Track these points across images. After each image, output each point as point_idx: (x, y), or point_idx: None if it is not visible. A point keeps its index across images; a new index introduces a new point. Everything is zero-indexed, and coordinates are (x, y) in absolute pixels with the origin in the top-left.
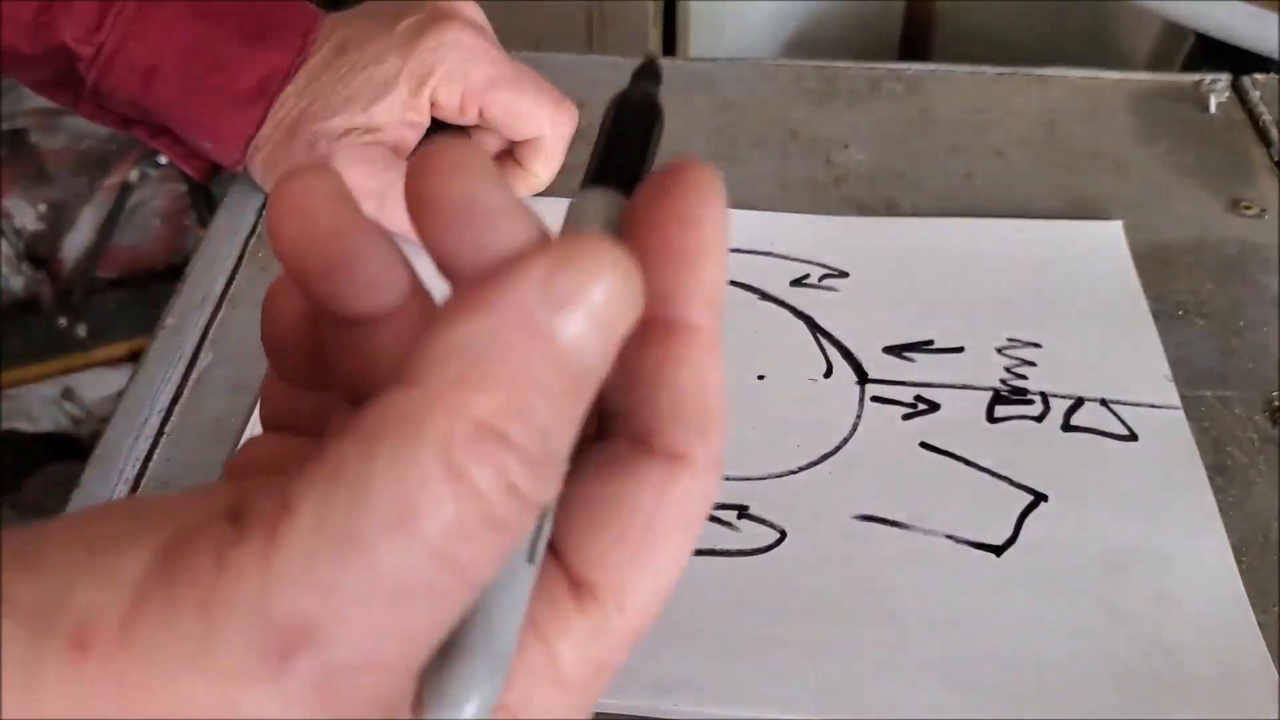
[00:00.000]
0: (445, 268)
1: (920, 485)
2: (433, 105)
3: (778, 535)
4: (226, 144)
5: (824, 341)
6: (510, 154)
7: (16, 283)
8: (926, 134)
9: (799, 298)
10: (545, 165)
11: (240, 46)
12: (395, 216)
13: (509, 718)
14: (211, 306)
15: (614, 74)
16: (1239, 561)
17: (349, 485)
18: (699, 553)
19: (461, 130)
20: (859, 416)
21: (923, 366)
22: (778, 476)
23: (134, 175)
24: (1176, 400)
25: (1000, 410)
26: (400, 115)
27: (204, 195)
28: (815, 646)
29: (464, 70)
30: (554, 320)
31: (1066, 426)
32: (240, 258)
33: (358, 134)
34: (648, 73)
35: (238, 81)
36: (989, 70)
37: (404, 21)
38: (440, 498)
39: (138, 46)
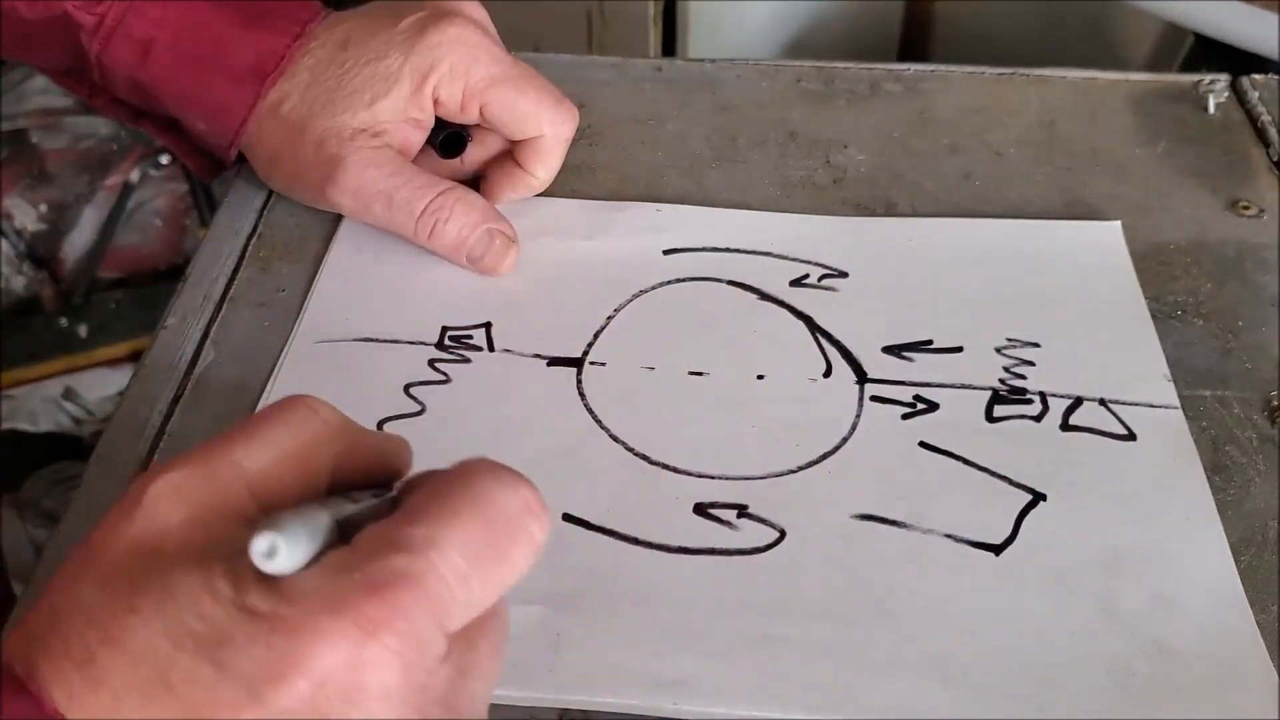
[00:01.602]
0: None
1: (919, 485)
2: (435, 103)
3: (777, 535)
4: (220, 123)
5: (823, 341)
6: (510, 155)
7: (18, 283)
8: (926, 134)
9: (798, 298)
10: (544, 166)
11: (238, 28)
12: (401, 218)
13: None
14: (212, 306)
15: (614, 74)
16: (1238, 560)
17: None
18: (699, 552)
19: (463, 128)
20: (858, 416)
21: (922, 366)
22: (777, 476)
23: (135, 175)
24: (1175, 400)
25: (999, 410)
26: (404, 112)
27: (205, 195)
28: (815, 646)
29: (466, 67)
30: None
31: (1065, 426)
32: (241, 258)
33: (366, 136)
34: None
35: (233, 61)
36: (988, 71)
37: (407, 19)
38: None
39: (137, 20)
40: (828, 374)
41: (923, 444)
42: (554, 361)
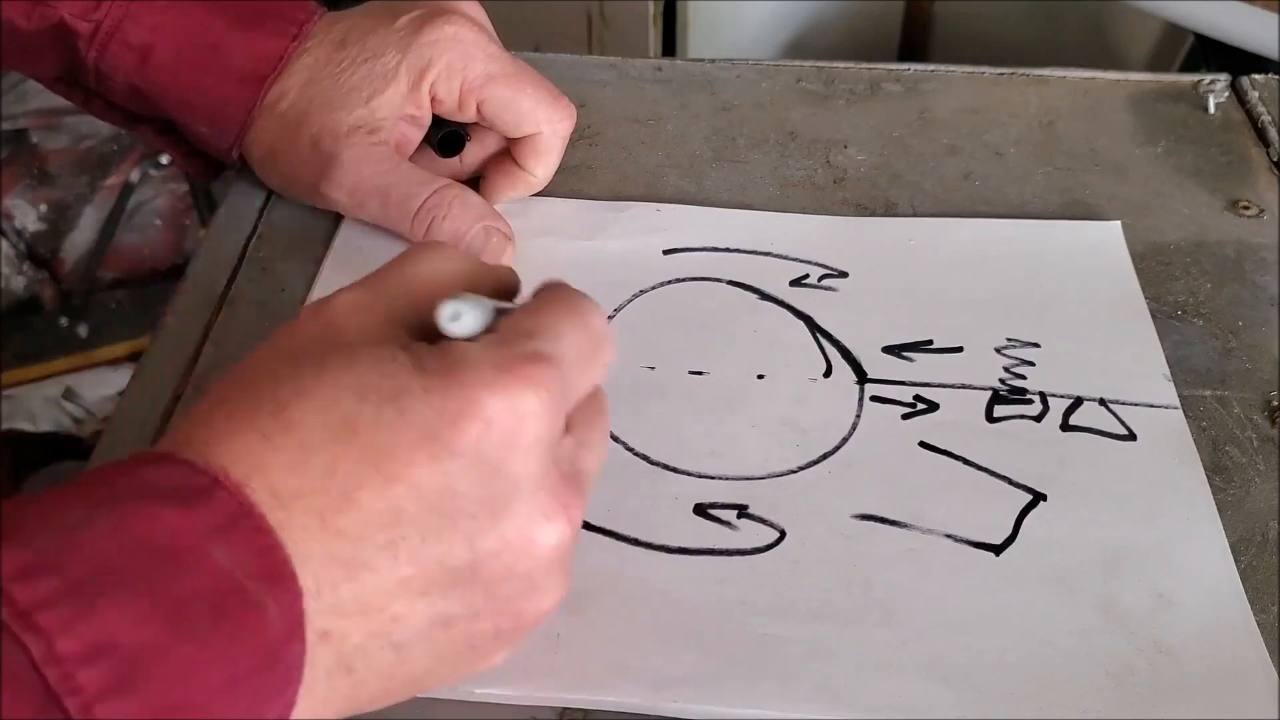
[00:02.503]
0: None
1: (919, 485)
2: (432, 100)
3: (777, 535)
4: (222, 126)
5: (823, 341)
6: (509, 154)
7: (18, 283)
8: (925, 135)
9: (798, 298)
10: (543, 164)
11: (235, 31)
12: (397, 215)
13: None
14: (212, 306)
15: (614, 74)
16: (1237, 561)
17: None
18: (699, 552)
19: (461, 127)
20: (858, 416)
21: (922, 366)
22: (777, 476)
23: (135, 175)
24: (1175, 400)
25: (999, 410)
26: (400, 109)
27: (205, 195)
28: (815, 646)
29: (463, 65)
30: None
31: (1065, 426)
32: (241, 258)
33: (362, 133)
34: None
35: (232, 63)
36: (988, 71)
37: (404, 17)
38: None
39: (134, 26)
40: (828, 374)
41: (923, 444)
42: None
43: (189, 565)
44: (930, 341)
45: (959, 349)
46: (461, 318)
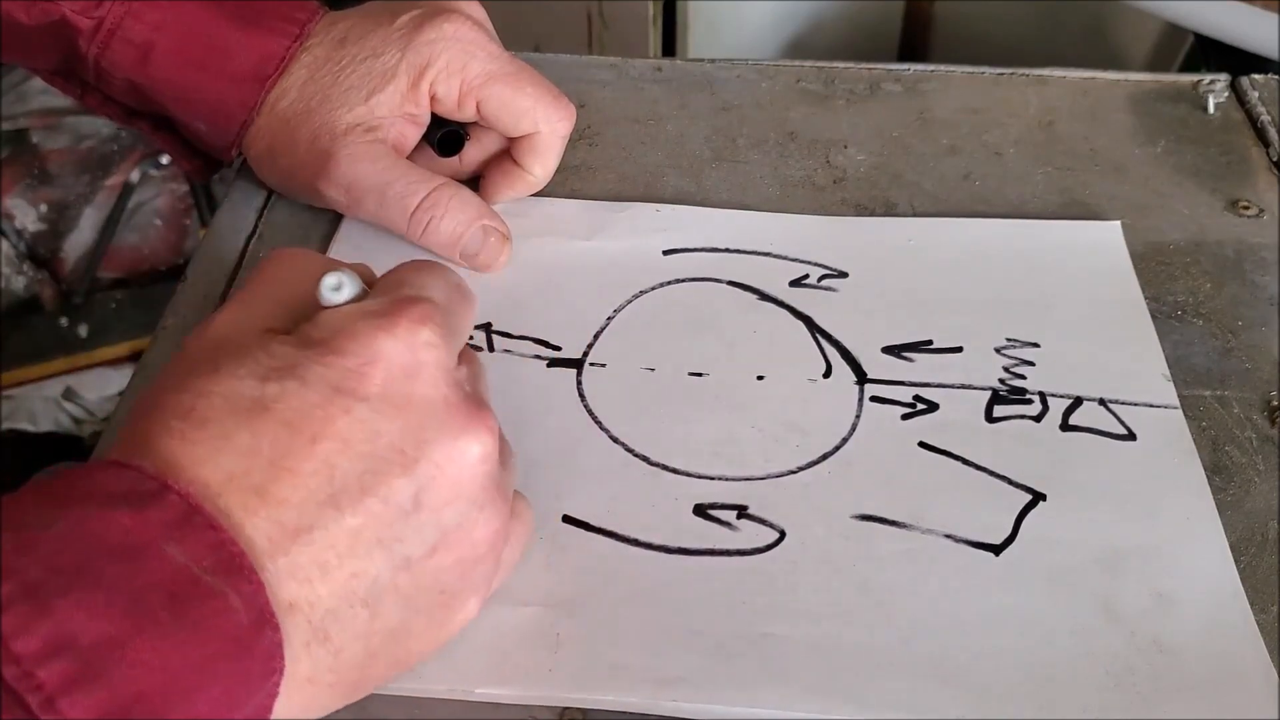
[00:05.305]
0: None
1: (919, 485)
2: (431, 99)
3: (777, 535)
4: (221, 125)
5: (823, 341)
6: (508, 154)
7: (18, 283)
8: (925, 135)
9: (798, 298)
10: (542, 163)
11: (237, 31)
12: (394, 214)
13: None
14: (213, 306)
15: (614, 74)
16: (1237, 561)
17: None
18: (699, 552)
19: (460, 126)
20: (858, 416)
21: (921, 366)
22: (777, 476)
23: (135, 175)
24: (1175, 400)
25: (999, 410)
26: (399, 108)
27: (205, 195)
28: (815, 646)
29: (462, 64)
30: None
31: (1065, 426)
32: (241, 258)
33: (360, 131)
34: None
35: (233, 63)
36: (988, 71)
37: (404, 16)
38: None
39: (136, 24)
40: (827, 374)
41: (922, 444)
42: (554, 363)
43: (144, 562)
44: (930, 341)
45: (959, 349)
46: (343, 287)
